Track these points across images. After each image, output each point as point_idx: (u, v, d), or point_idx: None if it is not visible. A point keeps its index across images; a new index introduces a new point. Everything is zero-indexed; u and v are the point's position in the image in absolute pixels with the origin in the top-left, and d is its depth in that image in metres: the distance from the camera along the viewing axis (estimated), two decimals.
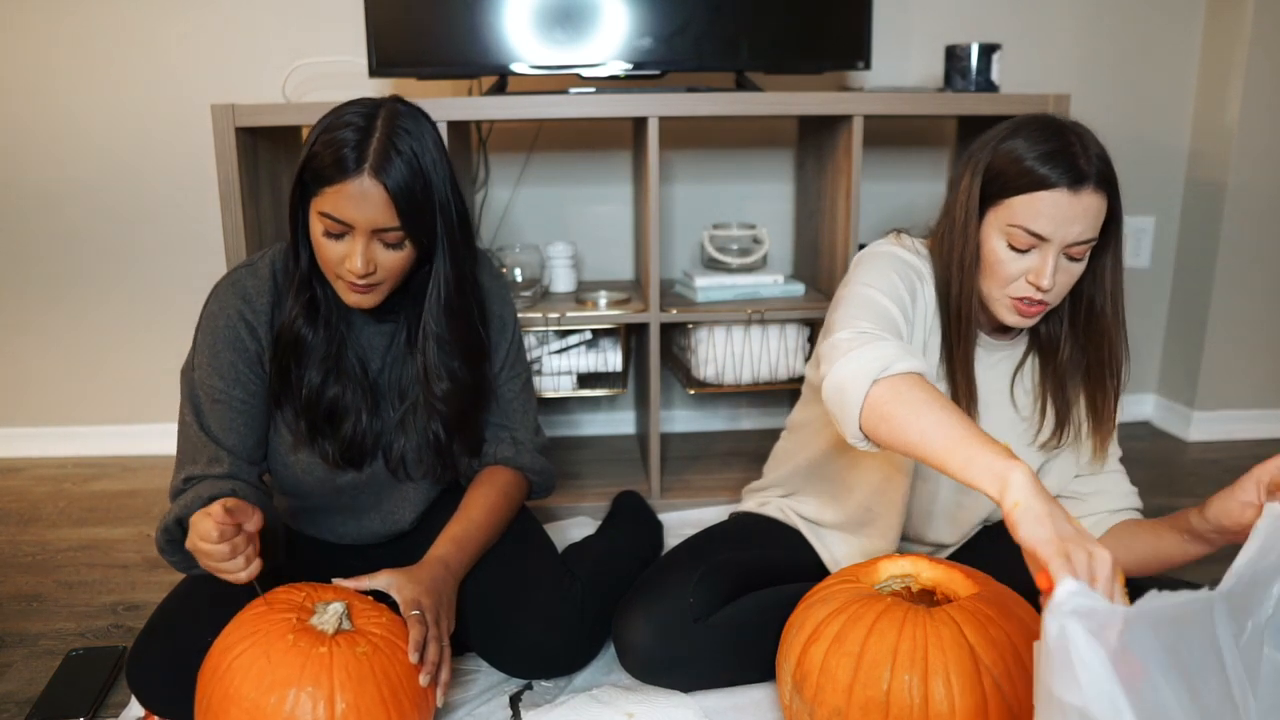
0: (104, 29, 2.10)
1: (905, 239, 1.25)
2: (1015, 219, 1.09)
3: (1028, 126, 1.12)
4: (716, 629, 1.22)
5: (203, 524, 1.01)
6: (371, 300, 1.18)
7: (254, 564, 1.03)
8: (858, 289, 1.15)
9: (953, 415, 0.92)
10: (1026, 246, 1.10)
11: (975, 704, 0.96)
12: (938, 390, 0.98)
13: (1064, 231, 1.08)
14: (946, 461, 0.90)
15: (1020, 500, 0.83)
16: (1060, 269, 1.11)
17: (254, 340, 1.21)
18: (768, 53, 1.88)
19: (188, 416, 1.21)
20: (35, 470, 2.23)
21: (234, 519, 1.01)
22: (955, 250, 1.15)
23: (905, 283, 1.17)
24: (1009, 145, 1.11)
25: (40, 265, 2.22)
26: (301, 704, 0.98)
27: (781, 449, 1.50)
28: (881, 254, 1.21)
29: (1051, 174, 1.07)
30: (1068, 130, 1.10)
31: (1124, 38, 2.28)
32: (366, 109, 1.14)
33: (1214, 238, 2.29)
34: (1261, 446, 2.33)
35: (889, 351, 1.00)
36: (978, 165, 1.14)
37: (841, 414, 1.01)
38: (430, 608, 1.13)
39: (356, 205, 1.10)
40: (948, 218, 1.18)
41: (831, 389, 1.03)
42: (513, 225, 2.26)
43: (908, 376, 0.98)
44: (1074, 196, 1.07)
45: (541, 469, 1.42)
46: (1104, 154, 1.10)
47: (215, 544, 1.00)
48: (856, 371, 1.00)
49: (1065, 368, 1.22)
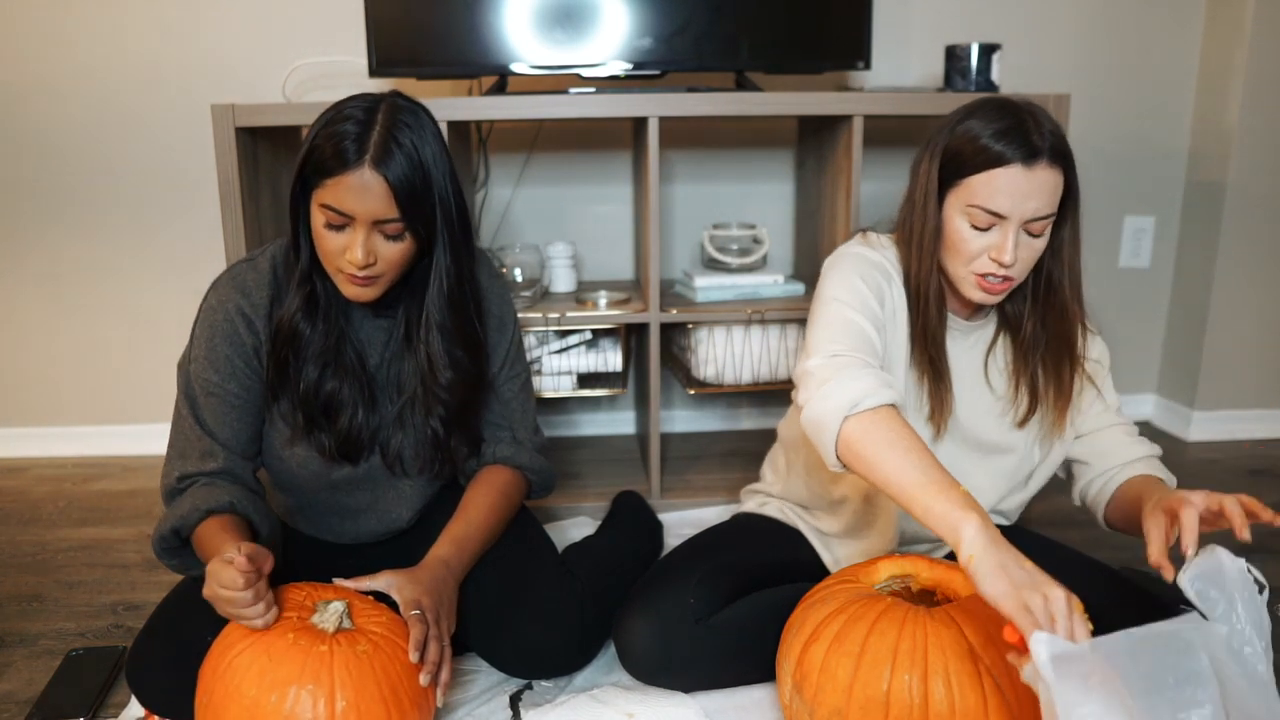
0: (104, 29, 2.10)
1: (871, 236, 1.28)
2: (974, 198, 1.12)
3: (983, 107, 1.15)
4: (717, 631, 1.22)
5: (224, 573, 0.99)
6: (371, 293, 1.18)
7: (274, 610, 1.03)
8: (829, 307, 1.17)
9: (914, 457, 0.98)
10: (987, 225, 1.12)
11: (975, 704, 0.96)
12: (904, 425, 1.02)
13: (1021, 207, 1.10)
14: (909, 507, 0.96)
15: (974, 554, 0.88)
16: (1021, 244, 1.12)
17: (251, 334, 1.21)
18: (768, 53, 1.88)
19: (183, 409, 1.21)
20: (35, 470, 2.23)
21: (255, 564, 1.00)
22: (916, 230, 1.18)
23: (872, 287, 1.19)
24: (964, 126, 1.14)
25: (40, 265, 2.22)
26: (302, 702, 0.98)
27: (776, 459, 1.50)
28: (847, 256, 1.23)
29: (1006, 150, 1.09)
30: (1021, 109, 1.12)
31: (1124, 38, 2.28)
32: (367, 103, 1.14)
33: (1214, 238, 2.29)
34: (1261, 446, 2.33)
35: (860, 386, 1.05)
36: (935, 147, 1.16)
37: (819, 448, 1.07)
38: (431, 607, 1.13)
39: (358, 196, 1.10)
40: (909, 202, 1.21)
41: (808, 423, 1.08)
42: (513, 225, 2.26)
43: (877, 412, 1.03)
44: (1029, 172, 1.09)
45: (541, 469, 1.42)
46: (1058, 130, 1.12)
47: (240, 592, 0.99)
48: (830, 408, 1.04)
49: (1028, 343, 1.24)
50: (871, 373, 1.07)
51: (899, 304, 1.22)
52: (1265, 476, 2.13)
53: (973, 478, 1.30)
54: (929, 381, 1.23)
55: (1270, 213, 2.27)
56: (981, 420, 1.28)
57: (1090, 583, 1.16)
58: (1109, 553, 1.67)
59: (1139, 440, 1.29)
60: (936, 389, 1.23)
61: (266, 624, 1.02)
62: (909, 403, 1.25)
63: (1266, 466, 2.19)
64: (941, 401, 1.23)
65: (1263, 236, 2.28)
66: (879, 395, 1.04)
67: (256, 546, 1.03)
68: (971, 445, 1.28)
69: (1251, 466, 2.19)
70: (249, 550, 1.00)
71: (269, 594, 1.03)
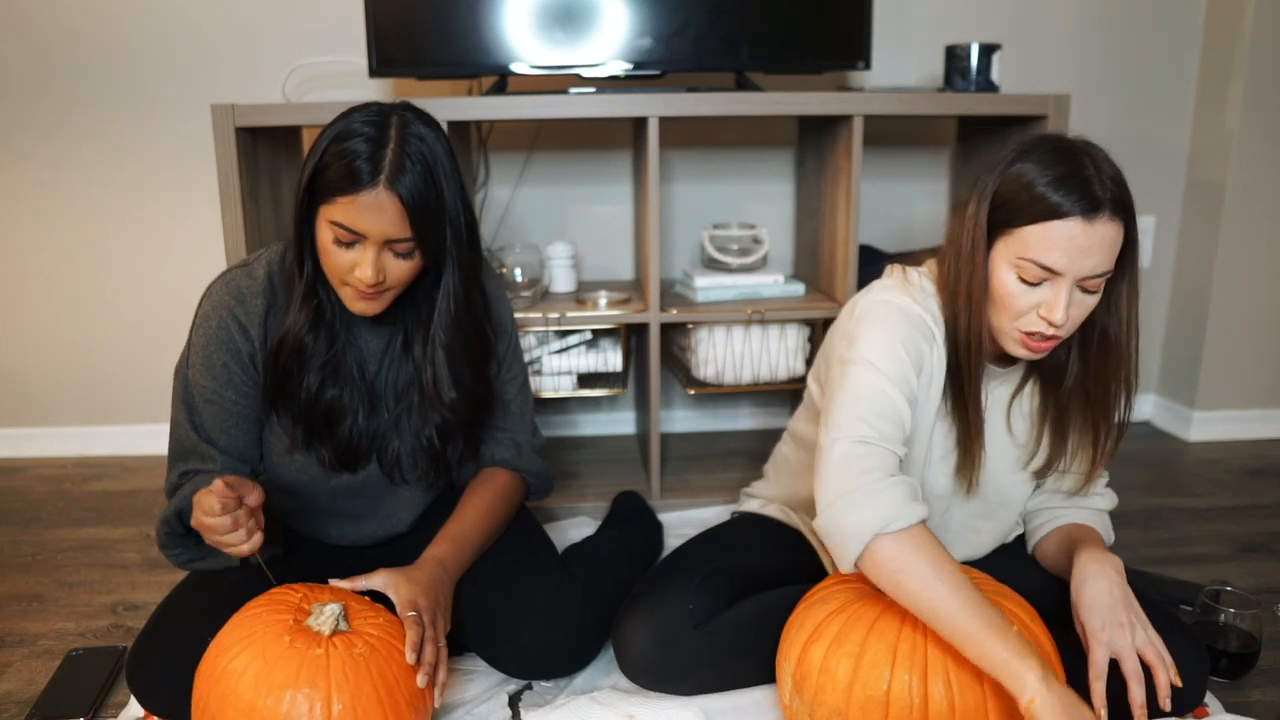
0: (103, 29, 2.10)
1: (912, 277, 1.17)
2: (1026, 251, 1.03)
3: (1038, 149, 1.05)
4: (717, 636, 1.22)
5: (205, 499, 1.03)
6: (377, 307, 1.18)
7: (256, 536, 1.06)
8: (863, 372, 1.08)
9: (963, 595, 0.94)
10: (1038, 280, 1.03)
11: (975, 704, 0.96)
12: (942, 550, 0.99)
13: (1078, 265, 1.01)
14: (963, 648, 0.94)
15: (1036, 698, 0.89)
16: (1075, 302, 1.04)
17: (246, 341, 1.21)
18: (768, 53, 1.88)
19: (180, 416, 1.22)
20: (35, 470, 2.23)
21: (234, 492, 1.04)
22: (963, 281, 1.08)
23: (912, 354, 1.10)
24: (1018, 169, 1.04)
25: (40, 264, 2.23)
26: (298, 705, 0.98)
27: (782, 458, 1.48)
28: (888, 309, 1.12)
29: (1065, 202, 1.00)
30: (1080, 152, 1.03)
31: (1124, 38, 2.28)
32: (376, 117, 1.13)
33: (1214, 238, 2.29)
34: (1261, 446, 2.33)
35: (890, 501, 1.00)
36: (985, 190, 1.06)
37: (835, 553, 1.03)
38: (427, 608, 1.13)
39: (373, 216, 1.10)
40: (953, 246, 1.10)
41: (830, 529, 1.02)
42: (513, 225, 2.26)
43: (912, 533, 0.99)
44: (1089, 226, 1.00)
45: (539, 470, 1.42)
46: (1119, 177, 1.04)
47: (218, 516, 1.02)
48: (859, 524, 0.99)
49: (1068, 396, 1.16)
50: (904, 485, 1.02)
51: (936, 366, 1.13)
52: (1265, 476, 2.13)
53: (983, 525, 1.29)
54: (960, 436, 1.16)
55: (1270, 213, 2.27)
56: (998, 466, 1.23)
57: None
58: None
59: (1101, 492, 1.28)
60: (968, 445, 1.16)
61: (250, 549, 1.05)
62: (935, 453, 1.19)
63: (1266, 466, 2.19)
64: (973, 458, 1.16)
65: (1263, 237, 2.28)
66: (911, 513, 1.00)
67: (241, 479, 1.06)
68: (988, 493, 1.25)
69: (1251, 466, 2.19)
70: (231, 479, 1.03)
71: (250, 522, 1.05)
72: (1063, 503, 1.28)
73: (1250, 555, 1.74)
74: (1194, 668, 1.15)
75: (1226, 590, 1.38)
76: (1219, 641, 1.30)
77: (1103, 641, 1.04)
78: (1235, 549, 1.76)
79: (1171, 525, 1.87)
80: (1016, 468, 1.24)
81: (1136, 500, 1.98)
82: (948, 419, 1.17)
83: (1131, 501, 1.97)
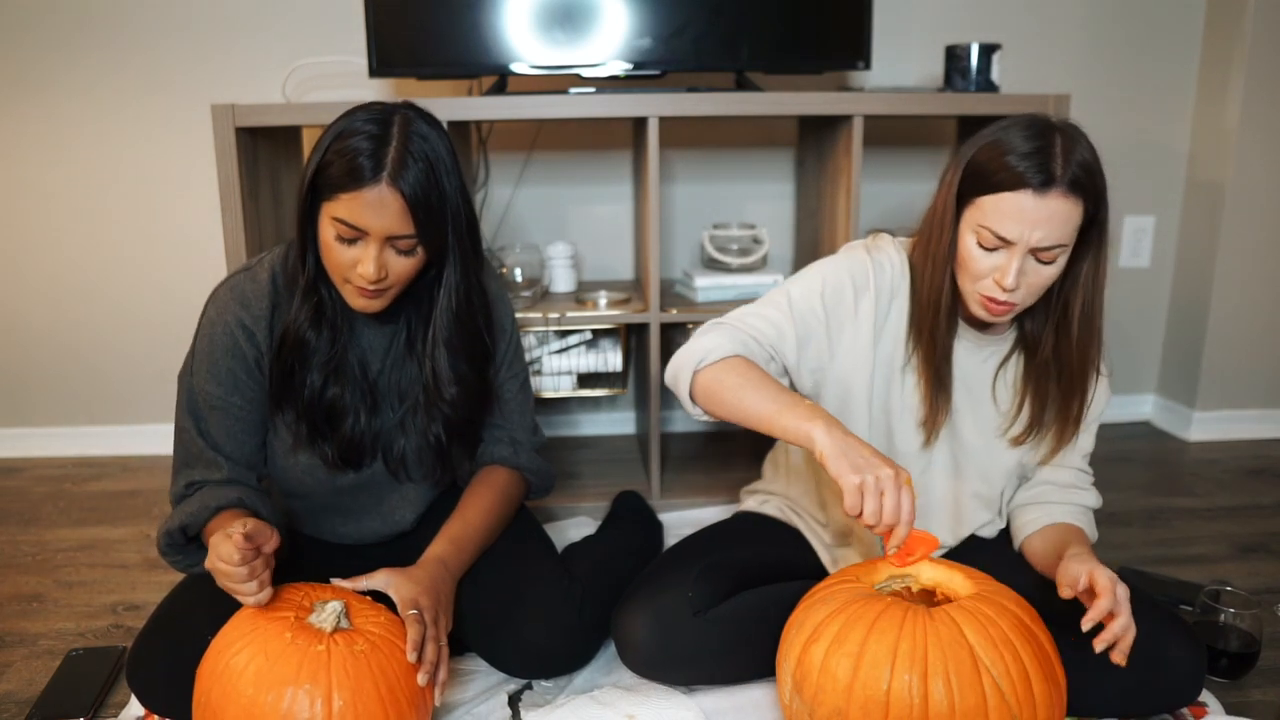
0: (104, 29, 2.10)
1: (883, 238, 1.26)
2: (984, 219, 1.10)
3: (1019, 124, 1.11)
4: (716, 624, 1.22)
5: (223, 547, 1.02)
6: (379, 304, 1.18)
7: (267, 590, 1.05)
8: (775, 292, 1.24)
9: (764, 389, 1.10)
10: (993, 246, 1.10)
11: (975, 704, 0.96)
12: (752, 366, 1.14)
13: (1029, 235, 1.07)
14: (768, 430, 1.08)
15: (823, 448, 1.02)
16: (1029, 270, 1.10)
17: (252, 346, 1.21)
18: (768, 53, 1.88)
19: (185, 422, 1.21)
20: (35, 470, 2.23)
21: (253, 542, 1.03)
22: (932, 243, 1.17)
23: (831, 290, 1.21)
24: (995, 139, 1.11)
25: (40, 264, 2.23)
26: (299, 702, 0.98)
27: (781, 453, 1.50)
28: (832, 258, 1.26)
29: (1023, 174, 1.06)
30: (1055, 132, 1.08)
31: (1124, 38, 2.28)
32: (379, 115, 1.13)
33: (1214, 238, 2.29)
34: (1261, 446, 2.33)
35: (707, 343, 1.16)
36: (962, 159, 1.14)
37: (677, 395, 1.19)
38: (428, 607, 1.13)
39: (375, 213, 1.10)
40: (931, 210, 1.19)
41: (668, 378, 1.21)
42: (513, 225, 2.26)
43: (727, 361, 1.14)
44: (1040, 199, 1.06)
45: (539, 469, 1.42)
46: (1086, 160, 1.08)
47: (235, 566, 1.01)
48: (684, 361, 1.17)
49: (1043, 367, 1.22)
50: (724, 329, 1.18)
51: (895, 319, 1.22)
52: (1265, 476, 2.13)
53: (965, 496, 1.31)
54: (929, 388, 1.22)
55: (1270, 213, 2.27)
56: (979, 432, 1.27)
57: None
58: (1106, 552, 1.67)
59: (1087, 489, 1.30)
60: (936, 397, 1.22)
61: (259, 602, 1.04)
62: (905, 405, 1.25)
63: (1266, 466, 2.19)
64: (937, 409, 1.23)
65: (1263, 236, 2.28)
66: (726, 349, 1.15)
67: (260, 524, 1.05)
68: (963, 456, 1.29)
69: (1251, 466, 2.19)
70: (252, 527, 1.02)
71: (265, 573, 1.04)
72: (1051, 496, 1.29)
73: (1250, 555, 1.74)
74: (1193, 667, 1.16)
75: (1226, 590, 1.38)
76: (1219, 641, 1.30)
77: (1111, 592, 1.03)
78: (1235, 549, 1.76)
79: (1171, 525, 1.87)
80: (998, 434, 1.28)
81: (1136, 500, 1.98)
82: (914, 374, 1.24)
83: (1131, 501, 1.97)
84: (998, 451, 1.29)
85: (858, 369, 1.23)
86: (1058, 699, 1.02)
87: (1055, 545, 1.22)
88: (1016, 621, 1.02)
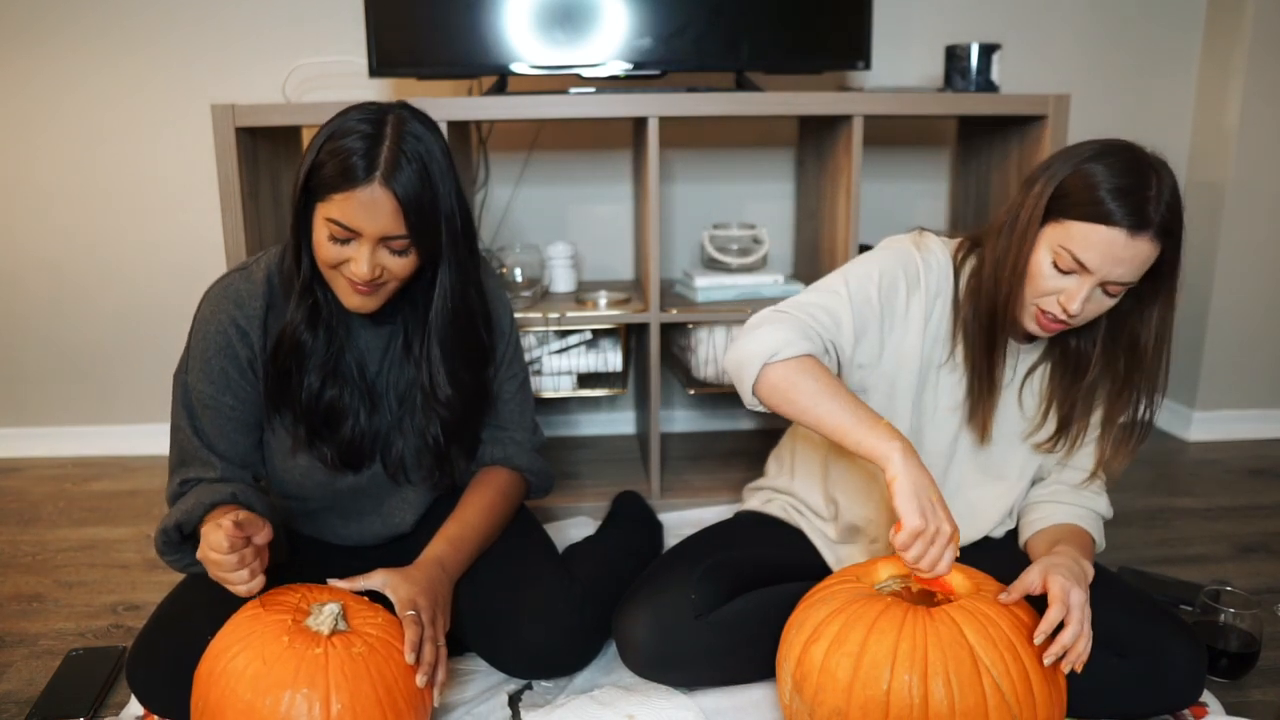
0: (104, 28, 2.10)
1: (929, 236, 1.26)
2: (1068, 242, 1.09)
3: (1114, 154, 1.10)
4: (718, 626, 1.22)
5: (213, 535, 1.03)
6: (373, 304, 1.18)
7: (258, 579, 1.05)
8: (829, 278, 1.23)
9: (839, 399, 1.10)
10: (1069, 269, 1.11)
11: (975, 704, 0.96)
12: (826, 371, 1.13)
13: (1109, 269, 1.09)
14: (843, 442, 1.09)
15: (897, 475, 1.04)
16: (1093, 299, 1.12)
17: (245, 346, 1.20)
18: (768, 53, 1.88)
19: (180, 421, 1.21)
20: (35, 470, 2.23)
21: (244, 532, 1.03)
22: (1009, 253, 1.15)
23: (886, 284, 1.21)
24: (1089, 167, 1.10)
25: (40, 264, 2.23)
26: (297, 705, 0.98)
27: (786, 451, 1.49)
28: (884, 249, 1.24)
29: (1117, 211, 1.07)
30: (1148, 170, 1.09)
31: (1124, 38, 2.28)
32: (373, 115, 1.13)
33: (1214, 238, 2.28)
34: (1261, 446, 2.33)
35: (776, 334, 1.14)
36: (1053, 176, 1.12)
37: (737, 385, 1.18)
38: (426, 608, 1.13)
39: (368, 213, 1.10)
40: (1010, 218, 1.16)
41: (729, 365, 1.19)
42: (513, 225, 2.26)
43: (799, 360, 1.13)
44: (1130, 240, 1.07)
45: (539, 469, 1.42)
46: (1175, 204, 1.10)
47: (225, 554, 1.02)
48: (750, 355, 1.14)
49: (1087, 389, 1.23)
50: (793, 321, 1.15)
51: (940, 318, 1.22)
52: (1265, 476, 2.13)
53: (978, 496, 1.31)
54: (979, 392, 1.23)
55: (1270, 213, 2.26)
56: (1004, 434, 1.28)
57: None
58: (1106, 552, 1.67)
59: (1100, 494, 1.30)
60: (981, 400, 1.23)
61: (250, 591, 1.05)
62: (938, 404, 1.26)
63: (1266, 466, 2.19)
64: (984, 411, 1.24)
65: (1263, 237, 2.28)
66: (797, 347, 1.13)
67: (252, 515, 1.05)
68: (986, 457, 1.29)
69: (1251, 466, 2.19)
70: (242, 517, 1.03)
71: (256, 562, 1.05)
72: (1064, 496, 1.30)
73: (1250, 555, 1.74)
74: (1193, 667, 1.16)
75: (1226, 590, 1.38)
76: (1219, 641, 1.30)
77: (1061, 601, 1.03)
78: (1235, 549, 1.76)
79: (1171, 525, 1.87)
80: (1020, 439, 1.29)
81: (1136, 500, 1.98)
82: (958, 371, 1.24)
83: (1131, 501, 1.97)
84: (1019, 456, 1.29)
85: (904, 366, 1.23)
86: (1058, 699, 1.02)
87: (1054, 545, 1.22)
88: (1017, 622, 1.02)
